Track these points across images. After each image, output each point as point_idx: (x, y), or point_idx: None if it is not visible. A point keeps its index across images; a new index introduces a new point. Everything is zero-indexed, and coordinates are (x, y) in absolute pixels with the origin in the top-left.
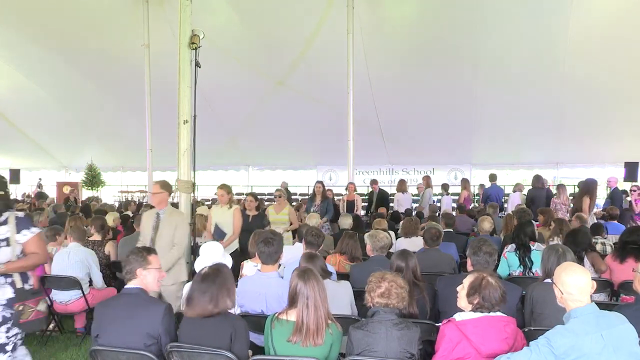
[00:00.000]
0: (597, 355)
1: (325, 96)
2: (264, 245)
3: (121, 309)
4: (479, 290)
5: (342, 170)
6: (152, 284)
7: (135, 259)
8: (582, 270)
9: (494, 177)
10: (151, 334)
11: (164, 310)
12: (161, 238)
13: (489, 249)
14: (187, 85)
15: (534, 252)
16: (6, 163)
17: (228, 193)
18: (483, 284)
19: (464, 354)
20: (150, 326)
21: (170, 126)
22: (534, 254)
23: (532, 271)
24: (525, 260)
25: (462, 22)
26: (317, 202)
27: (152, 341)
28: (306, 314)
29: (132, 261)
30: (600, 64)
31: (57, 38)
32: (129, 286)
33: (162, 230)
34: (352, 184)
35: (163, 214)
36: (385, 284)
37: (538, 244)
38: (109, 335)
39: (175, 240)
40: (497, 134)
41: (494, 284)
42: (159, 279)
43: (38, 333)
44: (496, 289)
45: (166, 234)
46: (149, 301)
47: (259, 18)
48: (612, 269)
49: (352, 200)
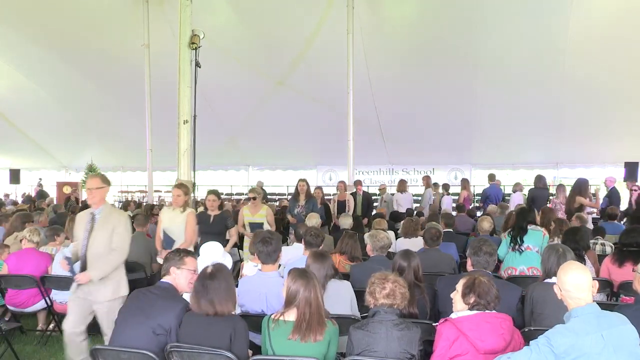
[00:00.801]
0: (597, 355)
1: (325, 96)
2: (262, 245)
3: (148, 296)
4: (473, 289)
5: (342, 170)
6: (183, 284)
7: (172, 257)
8: (580, 269)
9: (493, 177)
10: (163, 325)
11: (182, 307)
12: (95, 243)
13: (489, 249)
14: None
15: (529, 232)
16: (6, 163)
17: (185, 194)
18: (476, 283)
19: (462, 350)
20: (164, 317)
21: (170, 126)
22: (529, 234)
23: (522, 247)
24: (517, 239)
25: (462, 22)
26: (301, 202)
27: (162, 331)
28: (308, 312)
29: (169, 259)
30: (600, 64)
31: (57, 38)
32: (163, 280)
33: (96, 233)
34: (342, 183)
35: (99, 214)
36: (390, 284)
37: (535, 225)
38: (127, 311)
39: (113, 244)
40: (497, 134)
41: (487, 282)
42: (190, 280)
43: (38, 333)
44: (490, 288)
45: (101, 238)
46: (173, 296)
47: (259, 18)
48: (610, 271)
49: (343, 200)
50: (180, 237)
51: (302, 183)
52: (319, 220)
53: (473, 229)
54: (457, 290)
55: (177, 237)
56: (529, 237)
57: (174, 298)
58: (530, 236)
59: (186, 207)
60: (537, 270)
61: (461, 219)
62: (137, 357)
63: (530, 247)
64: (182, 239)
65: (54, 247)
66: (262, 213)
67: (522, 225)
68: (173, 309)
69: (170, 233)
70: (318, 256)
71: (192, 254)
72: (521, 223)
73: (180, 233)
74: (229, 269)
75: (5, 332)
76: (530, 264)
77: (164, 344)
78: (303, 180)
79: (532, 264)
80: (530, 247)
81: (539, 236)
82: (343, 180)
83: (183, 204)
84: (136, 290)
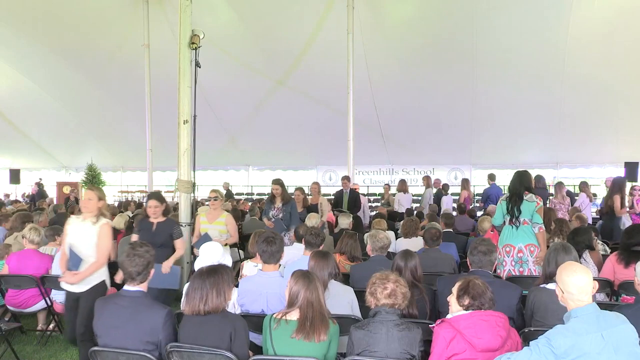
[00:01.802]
0: (597, 355)
1: (325, 96)
2: (266, 245)
3: (123, 311)
4: (467, 291)
5: (342, 170)
6: None
7: None
8: (583, 270)
9: (494, 177)
10: (151, 341)
11: (165, 316)
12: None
13: (483, 249)
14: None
15: (524, 203)
16: (6, 163)
17: (99, 199)
18: (470, 285)
19: (459, 349)
20: (151, 333)
21: (170, 126)
22: (524, 204)
23: (519, 220)
24: (514, 209)
25: (462, 22)
26: (277, 205)
27: (152, 347)
28: (310, 313)
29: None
30: (601, 64)
31: (57, 38)
32: (131, 289)
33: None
34: (315, 184)
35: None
36: (391, 284)
37: (531, 195)
38: (109, 337)
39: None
40: (497, 134)
41: (481, 284)
42: None
43: (38, 333)
44: (484, 290)
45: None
46: (151, 305)
47: (259, 18)
48: (615, 271)
49: (316, 203)
50: (90, 254)
51: (275, 187)
52: (319, 220)
53: (473, 228)
54: (452, 293)
55: (86, 255)
56: (525, 207)
57: (153, 306)
58: (525, 206)
59: (100, 216)
60: (535, 247)
61: (461, 219)
62: (135, 359)
63: (527, 221)
64: (94, 258)
65: (54, 247)
66: (220, 220)
67: (519, 192)
68: (158, 321)
69: (76, 250)
70: (320, 255)
71: None
72: (518, 189)
73: (90, 249)
74: (226, 268)
75: (5, 332)
76: (528, 240)
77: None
78: (277, 183)
79: (530, 240)
80: (527, 222)
81: (533, 206)
82: (317, 182)
83: (97, 212)
84: (112, 299)
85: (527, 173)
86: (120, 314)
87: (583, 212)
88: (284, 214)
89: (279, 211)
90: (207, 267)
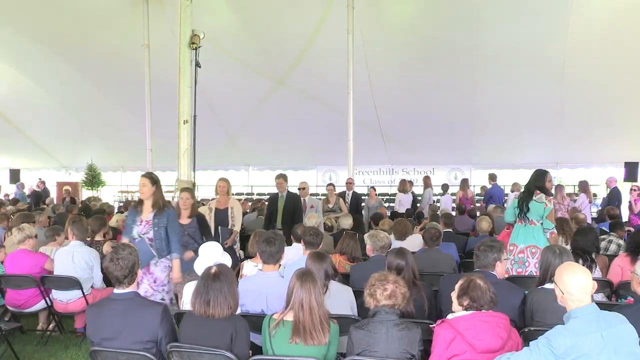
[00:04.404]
0: (597, 355)
1: (325, 96)
2: (266, 245)
3: (118, 316)
4: (467, 292)
5: (342, 170)
6: None
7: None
8: (582, 270)
9: (495, 177)
10: (151, 340)
11: (162, 313)
12: None
13: (481, 247)
14: (187, 85)
15: (533, 202)
16: (6, 163)
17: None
18: (471, 286)
19: (459, 350)
20: (149, 332)
21: (170, 126)
22: (532, 203)
23: (527, 217)
24: (523, 205)
25: (462, 22)
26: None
27: (152, 345)
28: (302, 316)
29: None
30: (601, 64)
31: (57, 38)
32: (121, 291)
33: None
34: (224, 181)
35: None
36: (391, 285)
37: (542, 195)
38: (108, 342)
39: None
40: (497, 134)
41: (482, 286)
42: None
43: (38, 333)
44: (485, 291)
45: None
46: (145, 304)
47: (259, 18)
48: (623, 270)
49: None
50: None
51: (222, 183)
52: (319, 220)
53: (473, 228)
54: (454, 290)
55: None
56: (533, 206)
57: (147, 305)
58: (533, 205)
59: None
60: (536, 249)
61: (461, 219)
62: (135, 359)
63: (535, 222)
64: None
65: (54, 247)
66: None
67: (530, 189)
68: (154, 319)
69: None
70: (316, 256)
71: None
72: (531, 186)
73: None
74: (232, 272)
75: (5, 332)
76: (530, 242)
77: (159, 353)
78: (223, 181)
79: (532, 242)
80: (534, 222)
81: (541, 208)
82: (226, 179)
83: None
84: (98, 311)
85: (544, 173)
86: (116, 322)
87: (583, 213)
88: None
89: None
90: (217, 268)
